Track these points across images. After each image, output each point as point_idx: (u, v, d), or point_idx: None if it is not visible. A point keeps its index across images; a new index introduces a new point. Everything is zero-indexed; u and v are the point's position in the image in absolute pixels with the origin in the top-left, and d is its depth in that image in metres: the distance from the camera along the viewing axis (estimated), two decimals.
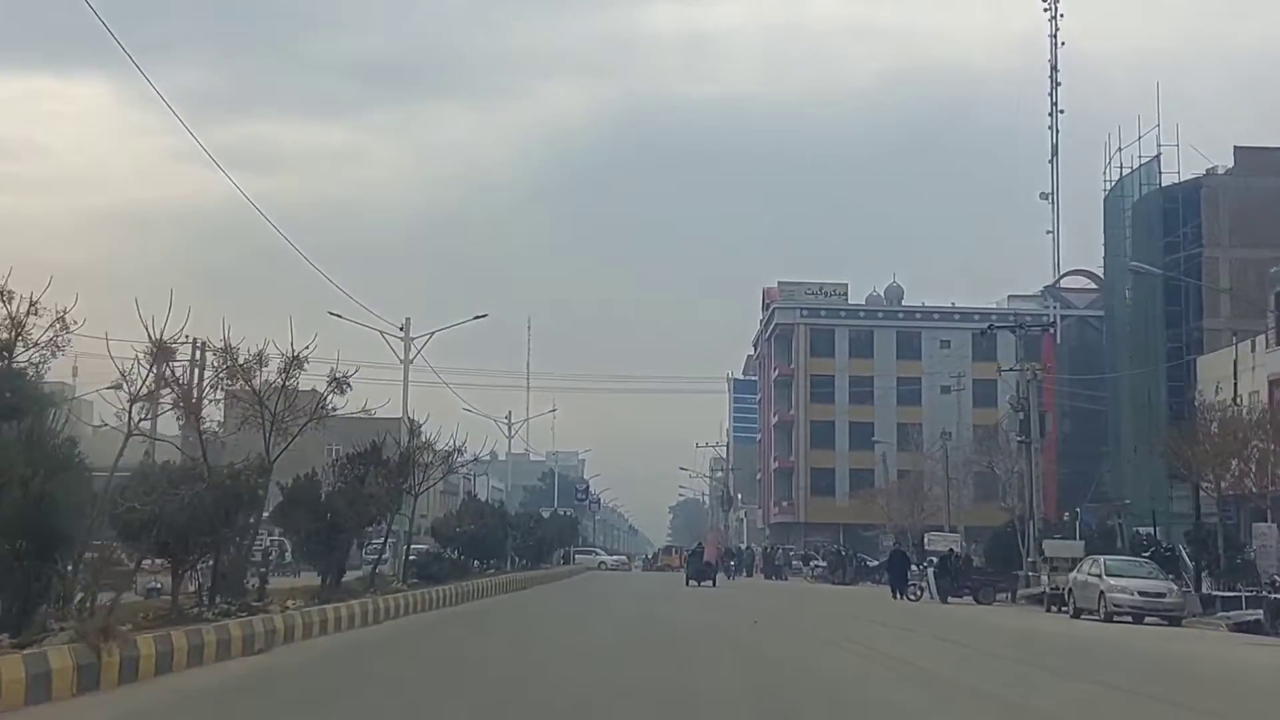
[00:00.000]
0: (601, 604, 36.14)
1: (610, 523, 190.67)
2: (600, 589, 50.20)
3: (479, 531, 42.87)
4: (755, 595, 47.82)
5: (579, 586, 52.42)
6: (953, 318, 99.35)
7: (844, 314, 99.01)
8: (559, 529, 71.53)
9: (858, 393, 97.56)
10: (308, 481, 25.04)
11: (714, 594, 49.00)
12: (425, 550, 41.10)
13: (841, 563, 65.41)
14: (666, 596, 44.45)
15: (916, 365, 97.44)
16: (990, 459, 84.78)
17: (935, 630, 27.25)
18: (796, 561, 77.75)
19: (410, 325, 45.16)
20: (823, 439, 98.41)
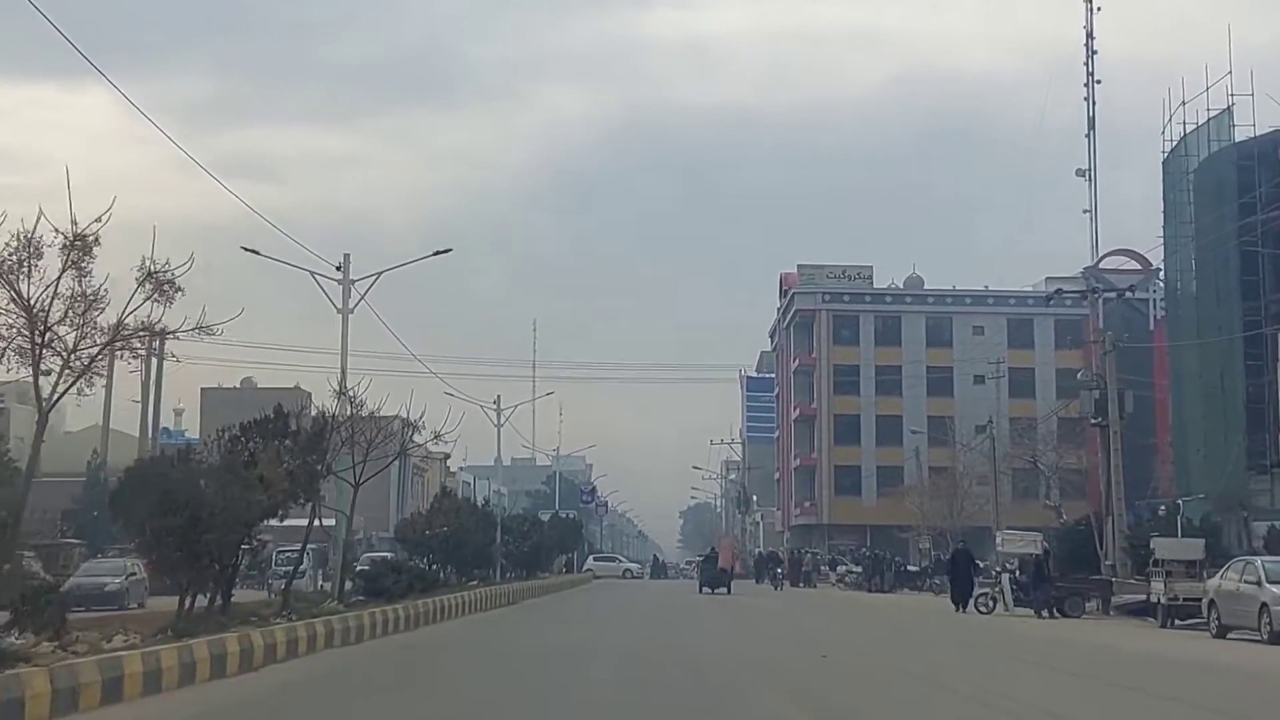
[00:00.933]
0: (604, 624, 28.69)
1: (619, 528, 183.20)
2: (606, 602, 42.95)
3: (456, 535, 35.48)
4: (789, 608, 40.41)
5: (579, 601, 45.09)
6: (986, 301, 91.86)
7: (869, 299, 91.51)
8: (560, 534, 64.19)
9: (885, 383, 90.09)
10: (157, 459, 17.46)
11: (741, 607, 41.65)
12: (385, 559, 33.64)
13: (878, 567, 57.94)
14: (685, 610, 37.07)
15: (947, 353, 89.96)
16: (1033, 452, 77.83)
17: (1062, 662, 19.82)
18: (823, 567, 70.21)
19: (350, 264, 34.06)
20: (847, 434, 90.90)
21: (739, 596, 49.56)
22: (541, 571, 56.89)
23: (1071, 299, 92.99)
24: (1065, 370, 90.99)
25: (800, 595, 54.85)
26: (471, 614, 30.42)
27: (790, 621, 32.46)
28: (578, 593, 51.25)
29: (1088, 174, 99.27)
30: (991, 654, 21.79)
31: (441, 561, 35.11)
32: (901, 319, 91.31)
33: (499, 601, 35.75)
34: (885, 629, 28.98)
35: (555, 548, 64.09)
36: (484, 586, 37.18)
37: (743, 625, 30.18)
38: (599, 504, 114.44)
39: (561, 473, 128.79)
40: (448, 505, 36.47)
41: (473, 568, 39.66)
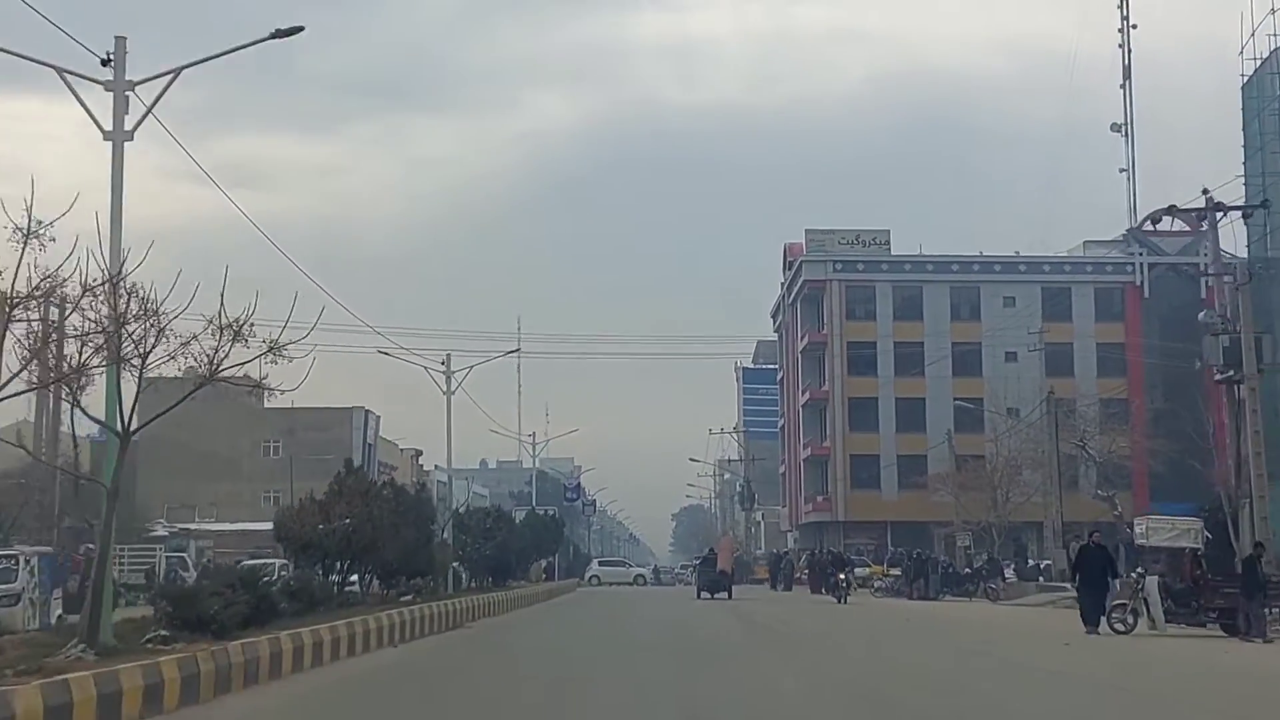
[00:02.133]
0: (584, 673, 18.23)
1: (609, 530, 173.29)
2: (589, 621, 32.96)
3: (371, 531, 25.25)
4: (831, 626, 30.32)
5: (556, 618, 34.92)
6: (1017, 269, 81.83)
7: (886, 267, 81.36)
8: (537, 534, 54.12)
9: (905, 362, 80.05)
10: None
11: (769, 626, 31.55)
12: (257, 566, 23.42)
13: (921, 570, 47.85)
14: (702, 631, 26.94)
15: (975, 327, 79.94)
16: (1081, 436, 67.94)
17: None
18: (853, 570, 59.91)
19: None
20: (864, 419, 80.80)
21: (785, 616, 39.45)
22: (513, 579, 46.87)
23: (1113, 264, 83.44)
24: (1107, 346, 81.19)
25: (831, 606, 44.61)
26: (371, 650, 20.13)
27: (841, 651, 22.43)
28: (555, 607, 41.12)
29: (1124, 128, 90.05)
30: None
31: (350, 569, 24.98)
32: (923, 290, 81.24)
33: (438, 625, 25.61)
34: (1040, 668, 18.80)
35: (531, 550, 54.01)
36: (421, 603, 26.91)
37: (778, 657, 20.21)
38: (585, 502, 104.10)
39: (547, 470, 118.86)
40: (353, 487, 26.17)
41: (406, 576, 29.51)
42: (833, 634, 26.40)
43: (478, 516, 42.17)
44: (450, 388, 36.99)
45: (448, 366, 37.53)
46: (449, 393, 37.42)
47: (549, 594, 45.93)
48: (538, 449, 57.32)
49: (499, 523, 42.13)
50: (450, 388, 36.99)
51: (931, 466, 79.21)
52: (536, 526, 55.30)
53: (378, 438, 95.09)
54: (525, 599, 39.07)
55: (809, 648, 23.46)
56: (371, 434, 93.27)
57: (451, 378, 36.90)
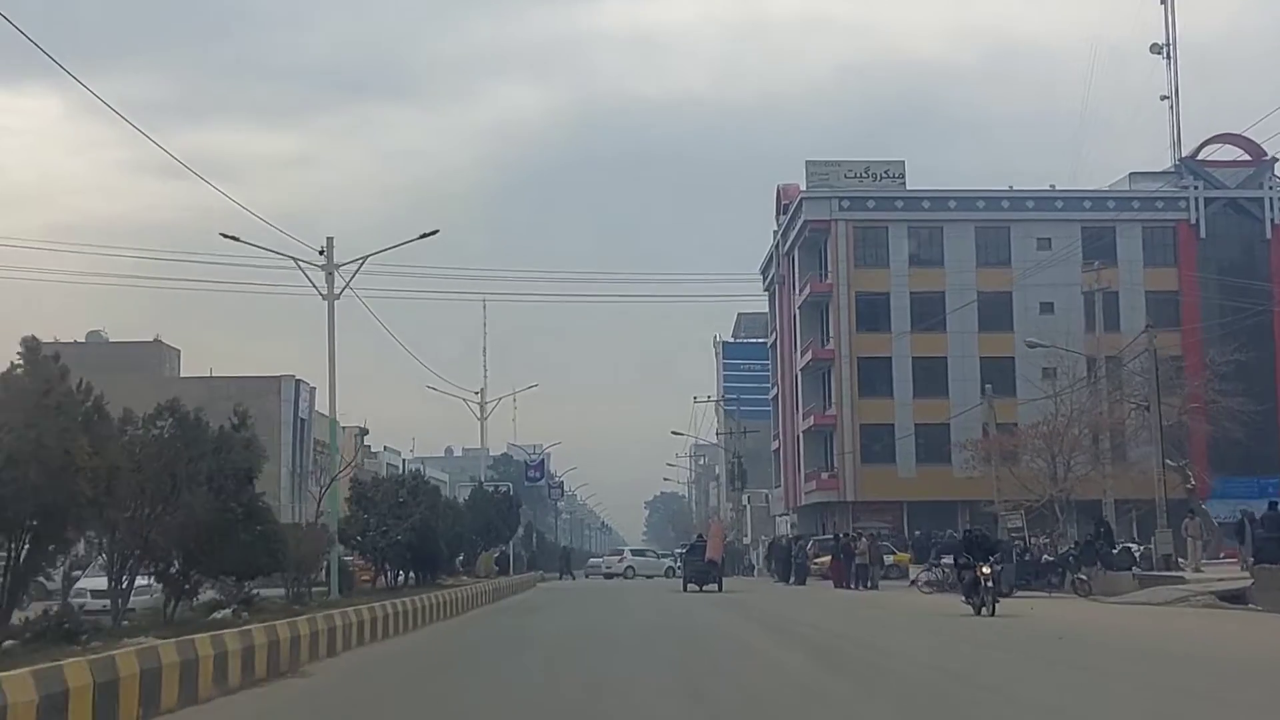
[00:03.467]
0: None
1: (579, 516, 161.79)
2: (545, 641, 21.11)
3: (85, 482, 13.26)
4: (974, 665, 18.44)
5: (492, 634, 23.00)
6: (1054, 206, 70.30)
7: (901, 204, 69.68)
8: (487, 517, 42.38)
9: (923, 315, 68.64)
10: None
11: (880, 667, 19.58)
12: None
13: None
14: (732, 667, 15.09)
15: (1005, 274, 68.41)
16: (1145, 398, 56.57)
17: None
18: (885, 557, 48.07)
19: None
20: (875, 382, 69.25)
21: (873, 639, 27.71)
22: (446, 574, 35.17)
23: (1164, 200, 72.03)
24: (1158, 294, 69.82)
25: (872, 606, 32.77)
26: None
27: None
28: (497, 614, 28.83)
29: (1166, 49, 78.65)
30: None
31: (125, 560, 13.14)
32: (944, 230, 69.67)
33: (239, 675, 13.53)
34: None
35: (478, 537, 42.24)
36: (251, 625, 14.91)
37: None
38: (551, 484, 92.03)
39: (513, 455, 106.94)
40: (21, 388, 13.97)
41: (243, 574, 17.69)
42: (1010, 687, 14.34)
43: (386, 488, 30.24)
44: (333, 290, 25.41)
45: (329, 256, 25.70)
46: (331, 297, 25.63)
47: (495, 594, 33.92)
48: (488, 409, 45.89)
49: (418, 496, 30.10)
50: (333, 290, 25.41)
51: (955, 436, 67.81)
52: (485, 507, 43.60)
53: (312, 411, 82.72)
54: (456, 604, 26.99)
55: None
56: (305, 407, 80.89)
57: (335, 276, 25.30)
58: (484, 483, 46.39)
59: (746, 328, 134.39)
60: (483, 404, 47.24)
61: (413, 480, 31.35)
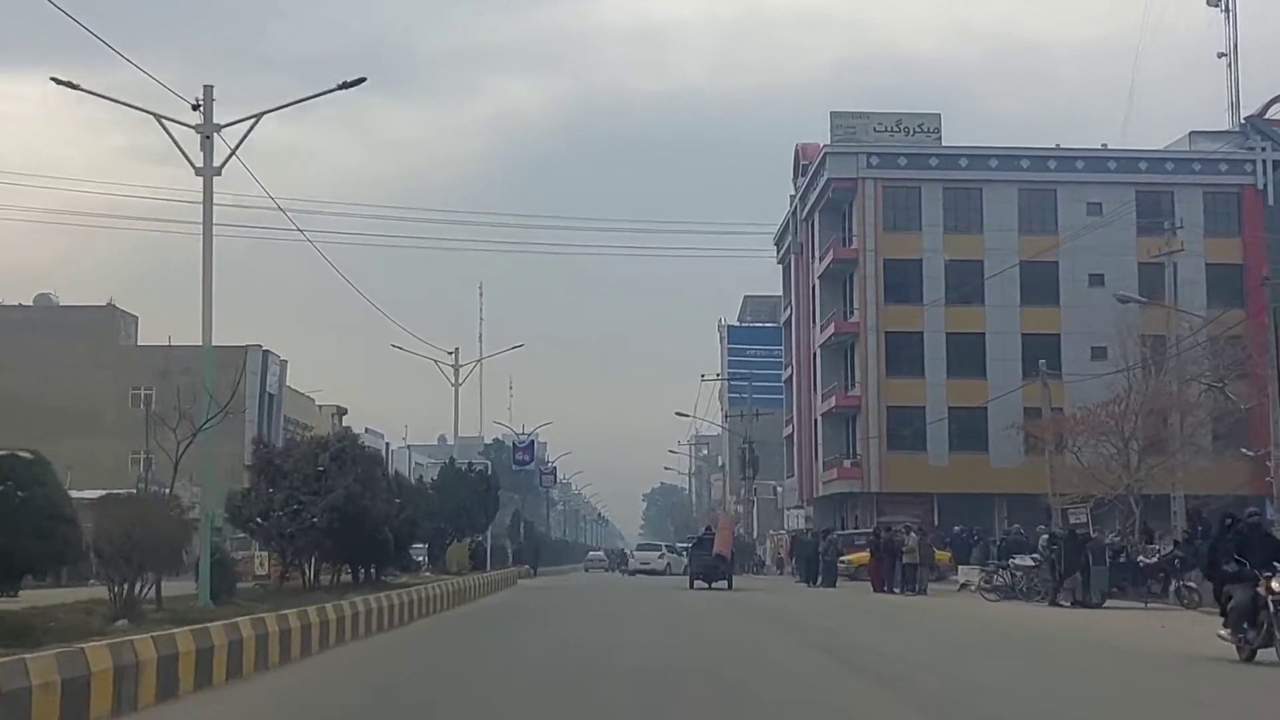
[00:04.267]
0: None
1: (574, 506, 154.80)
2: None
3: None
4: None
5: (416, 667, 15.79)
6: (1105, 166, 63.08)
7: (936, 162, 62.43)
8: (459, 500, 35.32)
9: (960, 285, 61.50)
10: None
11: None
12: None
13: (1077, 558, 29.06)
14: None
15: (1051, 241, 61.18)
16: (1221, 378, 50.13)
17: None
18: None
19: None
20: (905, 359, 62.12)
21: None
22: (403, 569, 28.13)
23: (1228, 161, 64.80)
24: (1221, 267, 62.70)
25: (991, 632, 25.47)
26: None
27: None
28: (440, 630, 21.07)
29: (1223, 2, 71.50)
30: None
31: None
32: (983, 192, 62.46)
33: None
34: None
35: (447, 524, 35.17)
36: None
37: None
38: (543, 471, 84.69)
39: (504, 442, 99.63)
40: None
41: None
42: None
43: (301, 453, 22.82)
44: (210, 160, 18.36)
45: (206, 113, 18.52)
46: (208, 169, 18.46)
47: (456, 597, 26.33)
48: (462, 374, 38.77)
49: (346, 465, 22.58)
50: (210, 160, 18.36)
51: (993, 421, 60.83)
52: (455, 488, 36.47)
53: (283, 387, 75.56)
54: (386, 616, 19.34)
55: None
56: (275, 381, 73.68)
57: (214, 142, 18.18)
58: (455, 460, 38.91)
59: (753, 311, 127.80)
60: (456, 367, 40.28)
61: (339, 442, 23.79)
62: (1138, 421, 43.36)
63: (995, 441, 60.89)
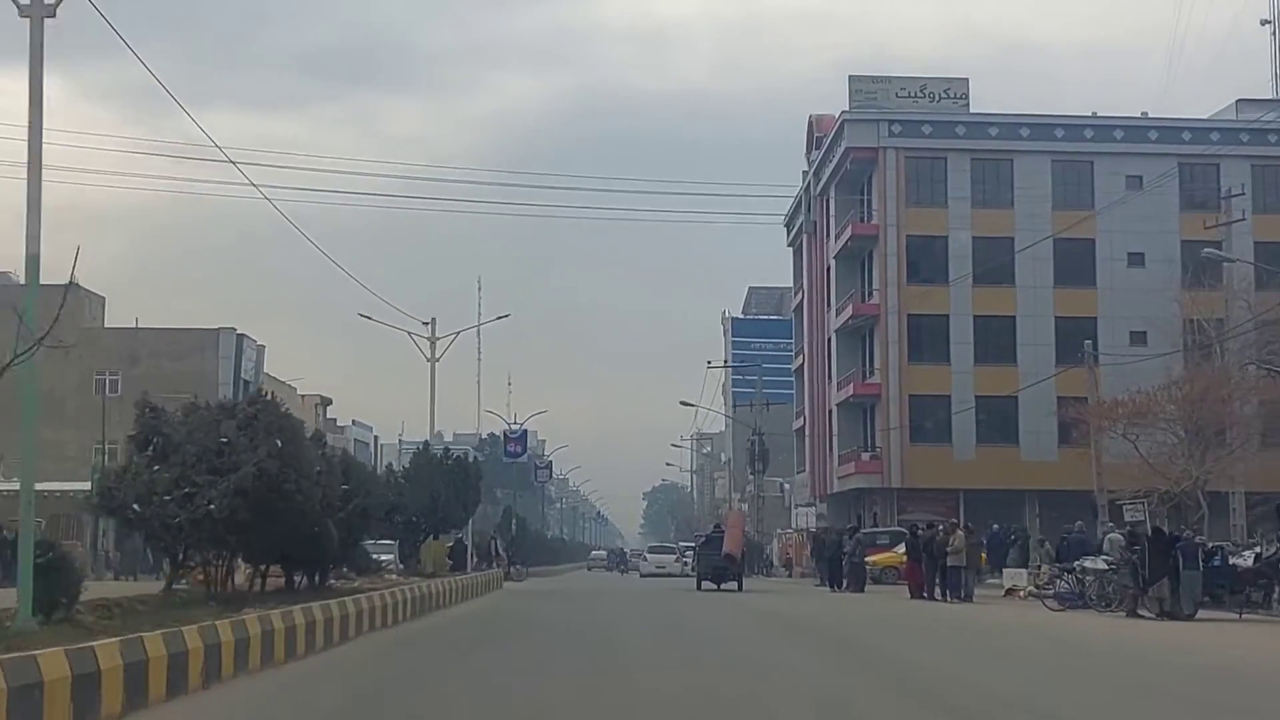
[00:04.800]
0: None
1: (571, 504, 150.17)
2: None
3: None
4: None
5: None
6: (1146, 136, 58.25)
7: (964, 130, 57.67)
8: (433, 489, 30.60)
9: (989, 265, 56.78)
10: None
11: None
12: None
13: (1164, 561, 24.29)
14: None
15: (1087, 217, 56.38)
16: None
17: None
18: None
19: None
20: (929, 344, 57.46)
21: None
22: (356, 570, 23.45)
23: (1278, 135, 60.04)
24: (1271, 245, 57.89)
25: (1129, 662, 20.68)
26: None
27: None
28: (378, 658, 16.34)
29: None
30: None
31: None
32: (1014, 163, 57.70)
33: None
34: None
35: (421, 518, 30.46)
36: None
37: None
38: (539, 464, 79.85)
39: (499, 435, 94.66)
40: None
41: None
42: None
43: (199, 420, 17.70)
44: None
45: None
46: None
47: (416, 606, 21.21)
48: (440, 346, 33.81)
49: (256, 437, 17.34)
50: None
51: (1025, 411, 56.26)
52: (428, 478, 31.74)
53: (260, 373, 70.74)
54: (305, 636, 14.41)
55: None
56: (250, 367, 68.88)
57: None
58: (429, 444, 33.87)
59: (758, 303, 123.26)
60: (433, 340, 35.38)
61: (251, 408, 18.78)
62: (1201, 409, 38.65)
63: (1027, 433, 56.33)
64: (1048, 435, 56.18)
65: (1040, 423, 55.97)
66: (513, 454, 66.01)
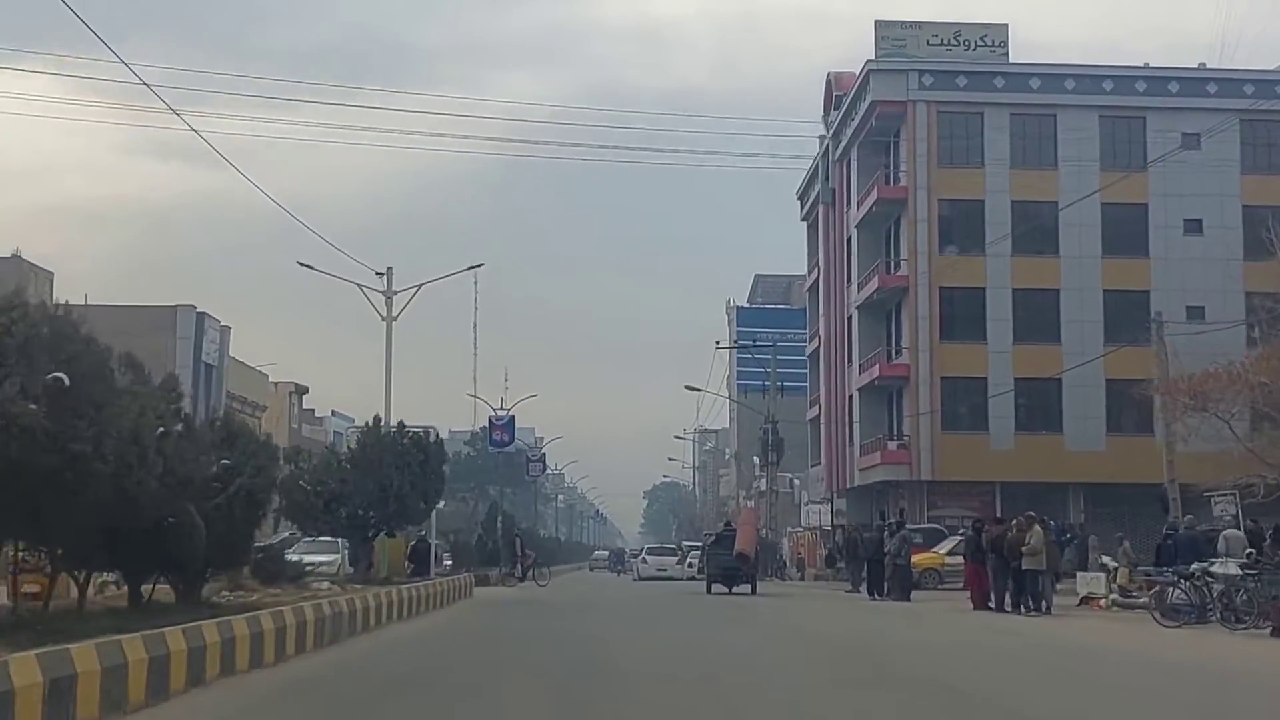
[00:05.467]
0: None
1: (569, 502, 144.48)
2: None
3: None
4: None
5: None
6: (1204, 90, 52.29)
7: (1003, 82, 51.76)
8: (382, 476, 24.83)
9: (1029, 230, 50.97)
10: None
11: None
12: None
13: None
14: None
15: (1137, 182, 50.61)
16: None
17: None
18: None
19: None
20: (963, 320, 51.61)
21: None
22: (265, 578, 17.67)
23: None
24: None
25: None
26: None
27: None
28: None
29: None
30: None
31: None
32: (1058, 120, 51.82)
33: None
34: None
35: (368, 510, 24.63)
36: None
37: None
38: (531, 457, 73.82)
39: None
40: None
41: None
42: None
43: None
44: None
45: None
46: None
47: (335, 628, 15.29)
48: (398, 302, 28.03)
49: (7, 361, 11.44)
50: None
51: (1069, 395, 50.50)
52: (377, 461, 25.85)
53: (225, 357, 64.78)
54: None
55: None
56: (214, 350, 62.91)
57: None
58: (385, 425, 27.60)
59: (764, 292, 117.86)
60: (390, 295, 29.29)
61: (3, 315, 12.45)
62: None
63: (1072, 419, 50.50)
64: (1095, 421, 50.48)
65: (1087, 408, 50.28)
66: (499, 443, 59.90)
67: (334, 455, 27.08)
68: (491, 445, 62.11)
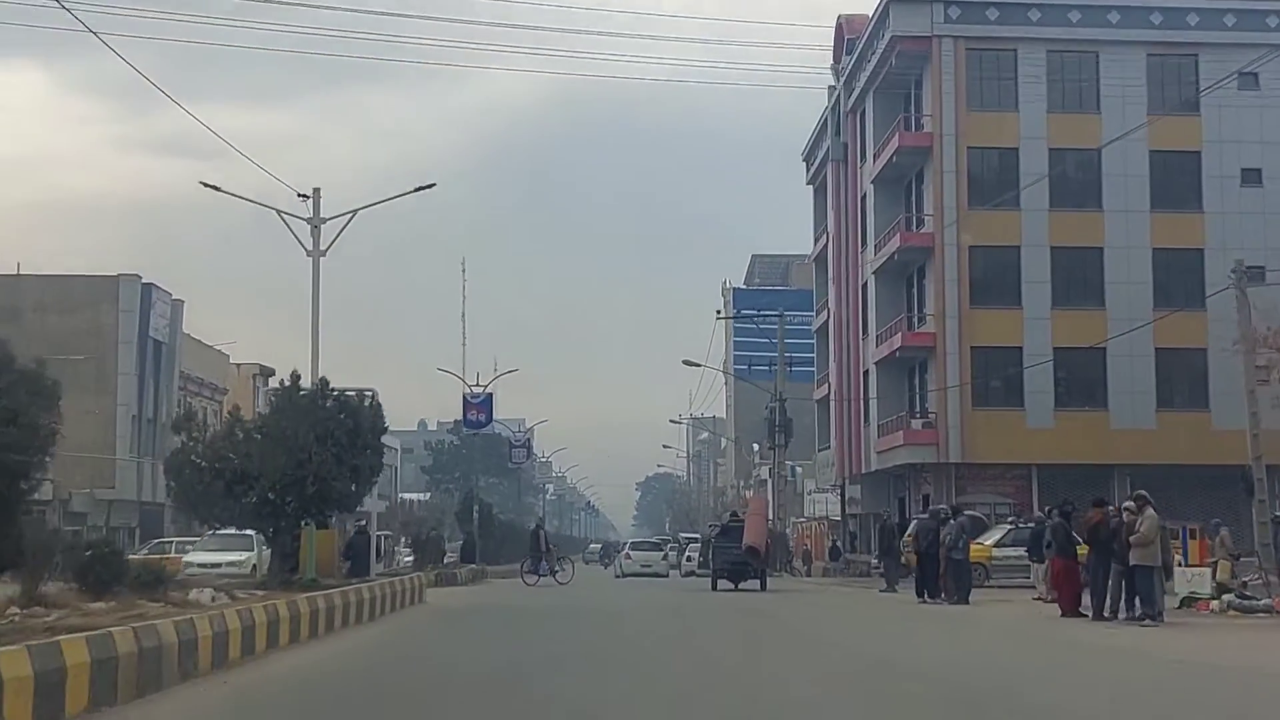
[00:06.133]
0: None
1: (558, 492, 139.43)
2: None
3: None
4: None
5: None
6: (1263, 23, 46.78)
7: (1038, 15, 46.17)
8: (298, 450, 19.19)
9: (1067, 181, 45.50)
10: None
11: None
12: None
13: None
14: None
15: (1189, 125, 45.19)
16: None
17: None
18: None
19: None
20: (994, 284, 46.12)
21: None
22: (93, 588, 12.30)
23: None
24: None
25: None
26: None
27: None
28: None
29: None
30: None
31: None
32: (1099, 59, 46.23)
33: None
34: None
35: (282, 494, 19.05)
36: None
37: None
38: (515, 442, 68.01)
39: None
40: None
41: None
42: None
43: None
44: None
45: None
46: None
47: (154, 672, 10.10)
48: (327, 234, 22.85)
49: None
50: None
51: (1114, 366, 45.07)
52: (298, 427, 20.18)
53: (178, 334, 58.98)
54: None
55: None
56: (163, 326, 57.08)
57: None
58: (301, 384, 21.81)
59: (761, 273, 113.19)
60: (318, 225, 23.79)
61: None
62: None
63: (1118, 394, 45.05)
64: (1144, 396, 45.07)
65: (1135, 381, 44.85)
66: (474, 423, 53.90)
67: (238, 422, 21.37)
68: (466, 425, 56.27)
